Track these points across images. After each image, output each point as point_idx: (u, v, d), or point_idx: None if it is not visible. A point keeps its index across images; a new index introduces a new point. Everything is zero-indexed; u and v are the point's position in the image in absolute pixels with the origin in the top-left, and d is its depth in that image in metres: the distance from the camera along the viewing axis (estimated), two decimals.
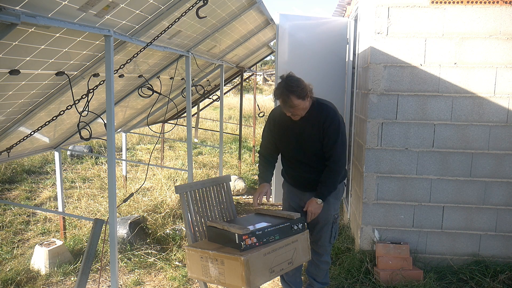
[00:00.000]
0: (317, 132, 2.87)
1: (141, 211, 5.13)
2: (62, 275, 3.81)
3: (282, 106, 2.82)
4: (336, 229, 3.11)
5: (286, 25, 4.95)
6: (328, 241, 3.10)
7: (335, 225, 3.09)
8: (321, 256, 3.13)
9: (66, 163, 8.54)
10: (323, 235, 3.07)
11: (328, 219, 3.04)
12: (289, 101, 2.75)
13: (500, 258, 3.75)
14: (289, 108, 2.79)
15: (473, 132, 3.67)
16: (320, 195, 2.92)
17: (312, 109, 2.88)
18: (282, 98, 2.77)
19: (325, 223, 3.05)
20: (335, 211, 3.07)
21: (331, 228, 3.07)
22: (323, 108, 2.90)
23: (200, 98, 7.29)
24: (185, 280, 3.72)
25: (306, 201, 3.01)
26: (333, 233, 3.10)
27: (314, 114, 2.87)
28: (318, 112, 2.88)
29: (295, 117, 2.85)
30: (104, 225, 2.62)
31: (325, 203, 2.97)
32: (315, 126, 2.87)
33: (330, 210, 3.02)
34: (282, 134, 3.02)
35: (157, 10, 2.80)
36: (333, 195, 3.02)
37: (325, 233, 3.07)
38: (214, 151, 10.01)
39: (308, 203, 2.95)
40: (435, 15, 3.57)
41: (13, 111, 2.91)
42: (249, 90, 21.46)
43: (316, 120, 2.87)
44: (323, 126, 2.85)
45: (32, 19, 1.85)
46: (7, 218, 5.29)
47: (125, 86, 4.16)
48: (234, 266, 2.34)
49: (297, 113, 2.82)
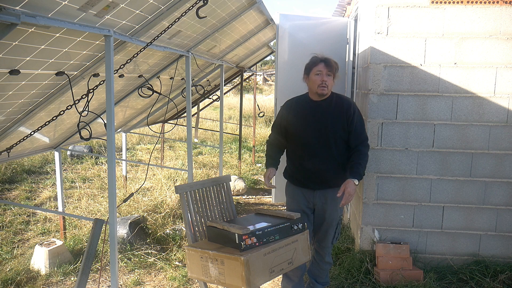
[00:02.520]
0: (340, 119, 2.92)
1: (141, 211, 5.13)
2: (62, 275, 3.81)
3: (323, 66, 2.88)
4: (339, 231, 3.12)
5: (286, 25, 4.95)
6: (330, 242, 3.11)
7: (339, 226, 3.10)
8: (323, 257, 3.13)
9: (66, 163, 8.55)
10: (327, 236, 3.07)
11: (335, 218, 3.04)
12: (330, 63, 2.88)
13: (500, 258, 3.75)
14: (329, 68, 2.87)
15: (473, 132, 3.67)
16: (357, 174, 2.82)
17: (333, 96, 2.99)
18: (325, 58, 2.90)
19: (331, 223, 3.04)
20: (340, 213, 3.08)
21: (336, 228, 3.07)
22: (343, 97, 3.04)
23: (200, 98, 7.30)
24: (185, 280, 3.72)
25: (316, 202, 3.00)
26: (336, 234, 3.10)
27: (335, 101, 2.97)
28: (340, 100, 2.99)
29: (323, 89, 2.88)
30: (104, 225, 2.62)
31: (334, 203, 2.97)
32: (338, 112, 2.93)
33: (337, 211, 3.03)
34: (302, 121, 2.98)
35: (157, 10, 2.80)
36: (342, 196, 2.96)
37: (329, 234, 3.07)
38: (214, 151, 10.01)
39: (344, 184, 2.77)
40: (435, 15, 3.57)
41: (13, 111, 2.91)
42: (249, 90, 21.46)
43: (339, 106, 2.94)
44: (347, 113, 2.92)
45: (32, 19, 1.85)
46: (7, 218, 5.29)
47: (125, 86, 4.16)
48: (234, 266, 2.34)
49: (328, 83, 2.89)
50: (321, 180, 2.99)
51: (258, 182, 7.44)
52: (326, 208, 3.01)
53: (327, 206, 3.01)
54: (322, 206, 3.02)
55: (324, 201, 3.01)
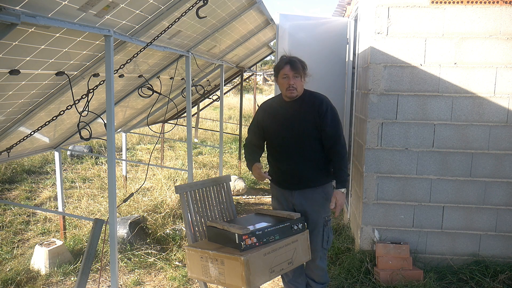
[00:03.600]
0: (312, 117, 2.87)
1: (141, 211, 5.13)
2: (62, 275, 3.81)
3: (288, 69, 2.83)
4: (328, 232, 2.98)
5: (286, 25, 4.95)
6: (320, 246, 2.95)
7: (327, 228, 2.96)
8: (314, 262, 2.96)
9: (66, 163, 8.54)
10: (314, 239, 2.92)
11: (318, 221, 2.93)
12: (296, 64, 2.83)
13: (500, 258, 3.75)
14: (295, 70, 2.82)
15: (473, 132, 3.67)
16: (342, 183, 2.86)
17: (305, 95, 2.94)
18: (290, 60, 2.85)
19: (315, 226, 2.93)
20: (326, 213, 2.96)
21: (322, 231, 2.95)
22: (316, 94, 2.98)
23: (200, 98, 7.30)
24: (185, 280, 3.72)
25: (295, 202, 2.94)
26: (325, 237, 2.96)
27: (307, 99, 2.92)
28: (312, 97, 2.94)
29: (291, 92, 2.84)
30: (104, 225, 2.63)
31: (315, 204, 2.92)
32: (310, 110, 2.88)
33: (320, 212, 2.93)
34: (275, 122, 2.97)
35: (157, 10, 2.80)
36: (323, 196, 2.95)
37: (316, 236, 2.93)
38: (214, 151, 10.01)
39: (334, 196, 2.84)
40: (435, 15, 3.57)
41: (13, 111, 2.91)
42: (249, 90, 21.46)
43: (311, 104, 2.90)
44: (319, 110, 2.87)
45: (32, 19, 1.86)
46: (7, 218, 5.29)
47: (125, 86, 4.16)
48: (234, 266, 2.34)
49: (296, 85, 2.84)
50: (298, 181, 2.94)
51: (258, 182, 7.44)
52: (307, 209, 2.93)
53: (307, 207, 2.93)
54: (302, 207, 2.94)
55: (303, 201, 2.94)
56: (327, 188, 2.98)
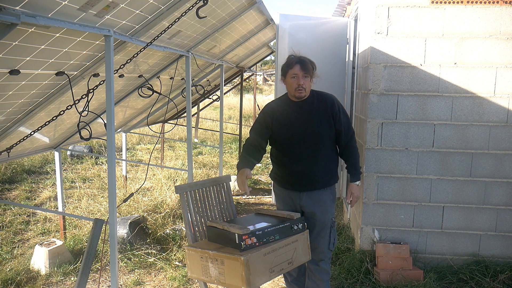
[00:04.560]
0: (326, 117, 2.86)
1: (141, 211, 5.13)
2: (62, 275, 3.81)
3: (298, 69, 2.78)
4: (334, 234, 2.97)
5: (286, 25, 4.95)
6: (327, 248, 2.93)
7: (333, 230, 2.96)
8: (319, 264, 2.93)
9: (66, 163, 8.55)
10: (321, 241, 2.92)
11: (326, 223, 2.92)
12: (306, 65, 2.79)
13: (500, 258, 3.75)
14: (305, 70, 2.79)
15: (473, 132, 3.67)
16: (356, 176, 2.97)
17: (314, 95, 2.92)
18: (300, 60, 2.81)
19: (323, 227, 2.92)
20: (332, 215, 2.96)
21: (329, 232, 2.93)
22: (324, 94, 2.96)
23: (200, 98, 7.30)
24: (185, 280, 3.72)
25: (302, 204, 2.91)
26: (331, 239, 2.94)
27: (317, 99, 2.91)
28: (322, 97, 2.92)
29: (300, 92, 2.81)
30: (104, 225, 2.63)
31: (323, 205, 2.90)
32: (323, 111, 2.87)
33: (328, 213, 2.92)
34: (286, 123, 2.90)
35: (157, 10, 2.80)
36: (330, 198, 2.95)
37: (323, 238, 2.92)
38: (214, 151, 10.01)
39: (350, 189, 2.98)
40: (435, 15, 3.57)
41: (13, 111, 2.91)
42: (249, 90, 21.46)
43: (323, 104, 2.88)
44: (332, 110, 2.87)
45: (32, 19, 1.86)
46: (7, 218, 5.29)
47: (125, 86, 4.16)
48: (234, 266, 2.34)
49: (306, 85, 2.81)
50: (308, 182, 2.90)
51: (258, 182, 7.44)
52: (315, 211, 2.90)
53: (315, 208, 2.91)
54: (310, 209, 2.91)
55: (311, 203, 2.91)
56: (333, 189, 3.00)
